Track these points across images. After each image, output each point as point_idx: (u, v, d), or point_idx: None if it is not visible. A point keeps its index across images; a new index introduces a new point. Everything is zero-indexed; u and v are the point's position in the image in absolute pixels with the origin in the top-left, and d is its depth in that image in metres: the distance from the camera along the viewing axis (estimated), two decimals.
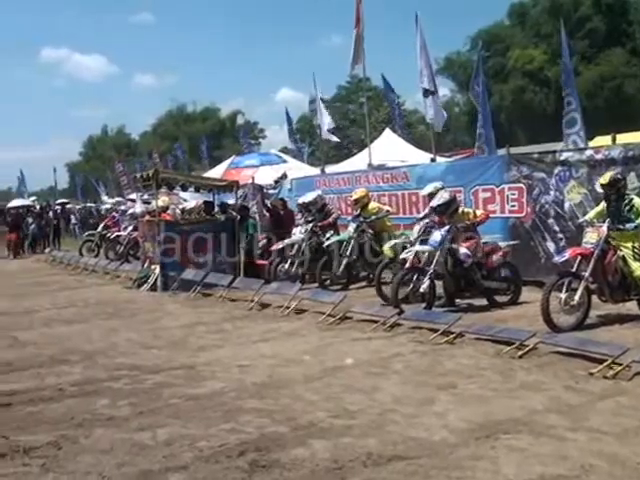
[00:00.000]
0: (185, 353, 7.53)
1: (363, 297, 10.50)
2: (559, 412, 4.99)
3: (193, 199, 16.94)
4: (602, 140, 12.34)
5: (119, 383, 6.32)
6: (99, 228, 21.20)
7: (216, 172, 23.27)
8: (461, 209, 9.62)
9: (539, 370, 6.11)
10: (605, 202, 8.15)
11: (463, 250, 9.09)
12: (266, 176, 19.54)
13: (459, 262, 9.13)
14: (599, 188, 8.44)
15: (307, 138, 43.73)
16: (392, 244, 10.65)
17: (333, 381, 6.08)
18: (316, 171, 18.41)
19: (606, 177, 8.08)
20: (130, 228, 18.27)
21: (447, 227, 9.19)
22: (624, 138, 11.28)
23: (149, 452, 4.54)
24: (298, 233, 12.48)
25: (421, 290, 8.97)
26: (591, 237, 7.89)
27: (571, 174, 10.21)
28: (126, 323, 9.67)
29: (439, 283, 9.28)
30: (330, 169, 18.28)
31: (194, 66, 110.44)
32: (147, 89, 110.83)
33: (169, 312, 10.52)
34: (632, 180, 9.09)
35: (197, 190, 14.67)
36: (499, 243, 9.92)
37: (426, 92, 13.87)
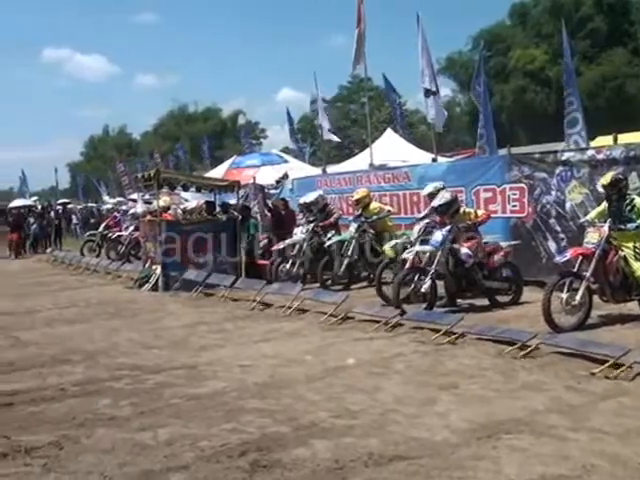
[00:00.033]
0: (186, 353, 7.53)
1: (364, 297, 10.50)
2: (561, 412, 4.98)
3: (194, 199, 16.97)
4: (604, 140, 12.33)
5: (120, 383, 6.32)
6: (100, 228, 21.20)
7: (217, 172, 23.25)
8: (462, 209, 9.62)
9: (541, 370, 6.11)
10: (606, 202, 8.14)
11: (464, 250, 9.09)
12: (267, 176, 19.55)
13: (460, 262, 9.13)
14: (600, 189, 8.43)
15: (308, 138, 43.71)
16: (392, 244, 10.65)
17: (335, 381, 6.08)
18: (317, 171, 18.40)
19: (607, 178, 8.07)
20: (131, 228, 18.30)
21: (448, 227, 9.18)
22: (626, 138, 11.28)
23: (150, 452, 4.54)
24: (299, 233, 12.49)
25: (422, 290, 8.96)
26: (592, 237, 7.89)
27: (572, 174, 10.20)
28: (127, 323, 9.67)
29: (440, 283, 9.28)
30: (331, 169, 18.26)
31: (196, 66, 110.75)
32: (149, 89, 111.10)
33: (170, 312, 10.52)
34: (634, 180, 9.09)
35: (198, 190, 14.68)
36: (500, 243, 9.91)
37: (427, 92, 13.87)
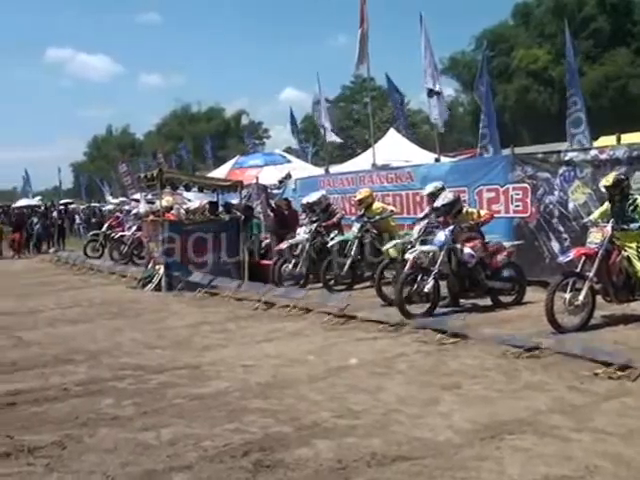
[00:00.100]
0: (189, 353, 7.54)
1: (367, 297, 10.49)
2: (564, 413, 4.97)
3: (197, 199, 16.99)
4: (607, 140, 12.32)
5: (123, 383, 6.33)
6: (103, 228, 21.22)
7: (220, 172, 23.28)
8: (465, 209, 9.60)
9: (544, 371, 6.10)
10: (609, 202, 8.12)
11: (467, 250, 9.07)
12: (270, 176, 19.54)
13: (463, 262, 9.12)
14: (603, 189, 8.41)
15: (311, 138, 43.71)
16: (392, 244, 10.65)
17: (337, 381, 6.08)
18: (320, 171, 18.40)
19: (609, 179, 8.05)
20: (134, 228, 18.32)
21: (451, 227, 9.17)
22: (629, 138, 11.24)
23: (153, 452, 4.54)
24: (302, 233, 12.48)
25: (425, 290, 8.95)
26: (595, 237, 7.87)
27: (575, 174, 10.19)
28: (130, 323, 9.69)
29: (443, 283, 9.27)
30: (334, 169, 18.25)
31: (199, 66, 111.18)
32: (153, 89, 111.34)
33: (174, 312, 10.53)
34: (637, 180, 9.07)
35: (201, 190, 14.69)
36: (503, 243, 9.90)
37: (430, 92, 13.87)
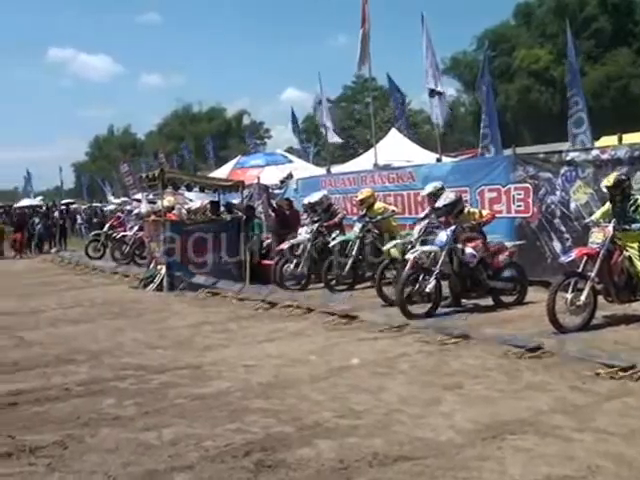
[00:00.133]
0: (191, 353, 7.54)
1: (368, 297, 10.49)
2: (565, 413, 4.97)
3: (198, 199, 16.99)
4: (608, 140, 12.29)
5: (125, 383, 6.34)
6: (105, 228, 21.23)
7: (222, 172, 23.29)
8: (467, 209, 9.59)
9: (545, 371, 6.09)
10: (610, 202, 8.12)
11: (469, 250, 9.07)
12: (272, 176, 19.54)
13: (465, 262, 9.11)
14: (604, 189, 8.40)
15: (313, 138, 43.71)
16: (393, 244, 10.64)
17: (339, 381, 6.08)
18: (322, 171, 18.39)
19: (610, 179, 8.04)
20: (136, 228, 18.32)
21: (453, 227, 9.16)
22: (630, 138, 11.22)
23: (155, 452, 4.55)
24: (304, 233, 12.48)
25: (427, 290, 8.94)
26: (597, 237, 7.87)
27: (577, 174, 10.17)
28: (132, 323, 9.69)
29: (445, 283, 9.26)
30: (336, 169, 18.24)
31: (200, 66, 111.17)
32: (153, 89, 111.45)
33: (175, 312, 10.54)
34: (638, 180, 9.06)
35: (202, 190, 14.69)
36: (505, 243, 9.89)
37: (432, 92, 13.87)
